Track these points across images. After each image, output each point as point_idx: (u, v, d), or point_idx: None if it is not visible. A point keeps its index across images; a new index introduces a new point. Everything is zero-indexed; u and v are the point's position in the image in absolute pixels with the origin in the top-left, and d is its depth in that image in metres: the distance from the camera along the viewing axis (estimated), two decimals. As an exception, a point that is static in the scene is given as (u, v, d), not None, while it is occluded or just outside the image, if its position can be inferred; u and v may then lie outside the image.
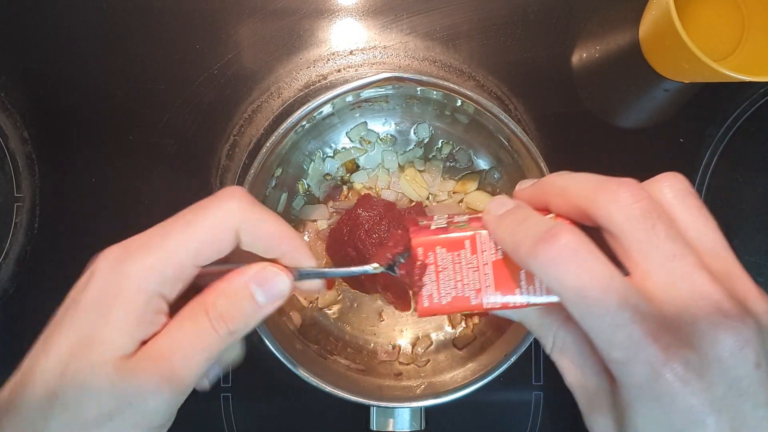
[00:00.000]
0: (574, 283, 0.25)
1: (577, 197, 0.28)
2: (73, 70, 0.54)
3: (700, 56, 0.44)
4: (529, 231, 0.27)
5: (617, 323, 0.24)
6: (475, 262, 0.31)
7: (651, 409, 0.24)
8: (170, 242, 0.29)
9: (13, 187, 0.53)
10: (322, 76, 0.55)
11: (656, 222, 0.26)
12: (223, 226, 0.30)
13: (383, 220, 0.51)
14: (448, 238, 0.32)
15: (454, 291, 0.31)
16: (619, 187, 0.26)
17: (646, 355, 0.24)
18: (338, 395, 0.45)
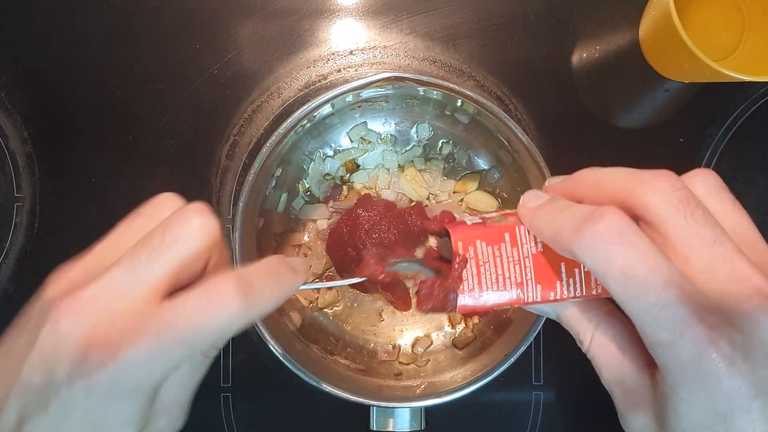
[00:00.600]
0: (621, 263, 0.25)
1: (614, 189, 0.28)
2: (73, 70, 0.54)
3: (700, 56, 0.44)
4: (572, 216, 0.27)
5: (663, 302, 0.24)
6: (516, 255, 0.30)
7: (695, 392, 0.24)
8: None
9: (13, 187, 0.53)
10: (322, 76, 0.55)
11: (695, 209, 0.26)
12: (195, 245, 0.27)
13: (383, 220, 0.51)
14: (487, 231, 0.31)
15: (495, 285, 0.31)
16: (656, 177, 0.27)
17: (692, 334, 0.23)
18: (338, 395, 0.45)
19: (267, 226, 0.52)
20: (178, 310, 0.25)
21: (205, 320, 0.25)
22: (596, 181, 0.29)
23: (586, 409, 0.55)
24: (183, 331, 0.25)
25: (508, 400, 0.54)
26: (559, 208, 0.29)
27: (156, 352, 0.25)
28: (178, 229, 0.27)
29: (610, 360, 0.29)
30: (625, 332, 0.29)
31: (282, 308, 0.52)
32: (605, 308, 0.31)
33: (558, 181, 0.32)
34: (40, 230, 0.53)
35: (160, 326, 0.25)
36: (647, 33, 0.52)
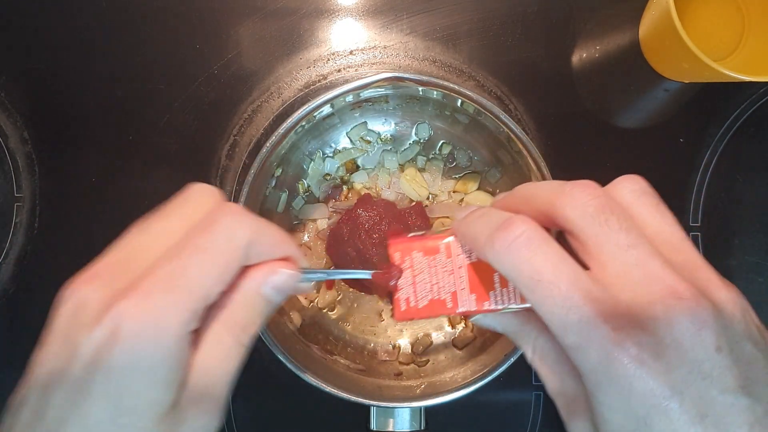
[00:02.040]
0: (528, 269, 0.26)
1: (539, 202, 0.29)
2: (73, 70, 0.54)
3: (700, 56, 0.44)
4: (487, 224, 0.28)
5: (569, 306, 0.25)
6: (450, 265, 0.32)
7: (611, 395, 0.24)
8: (194, 279, 0.26)
9: (13, 187, 0.53)
10: (322, 76, 0.55)
11: (609, 216, 0.26)
12: (240, 245, 0.28)
13: (383, 220, 0.51)
14: (424, 242, 0.33)
15: (430, 294, 0.32)
16: (573, 188, 0.28)
17: (598, 336, 0.24)
18: (338, 395, 0.45)
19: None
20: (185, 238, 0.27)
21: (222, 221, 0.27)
22: (527, 197, 0.30)
23: (586, 409, 0.54)
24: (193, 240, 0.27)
25: (508, 400, 0.54)
26: (480, 214, 0.30)
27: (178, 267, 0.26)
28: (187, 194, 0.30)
29: (550, 371, 0.30)
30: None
31: (282, 308, 0.52)
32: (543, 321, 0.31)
33: (500, 198, 0.34)
34: (40, 230, 0.53)
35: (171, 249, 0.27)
36: (647, 33, 0.52)
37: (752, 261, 0.54)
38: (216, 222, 0.28)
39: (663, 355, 0.23)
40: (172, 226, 0.28)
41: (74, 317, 0.25)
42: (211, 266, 0.27)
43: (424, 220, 0.52)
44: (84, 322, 0.25)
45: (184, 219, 0.28)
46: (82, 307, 0.25)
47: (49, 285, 0.54)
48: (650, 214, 0.28)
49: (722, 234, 0.54)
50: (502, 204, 0.33)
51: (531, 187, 0.31)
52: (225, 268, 0.27)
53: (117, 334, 0.24)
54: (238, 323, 0.29)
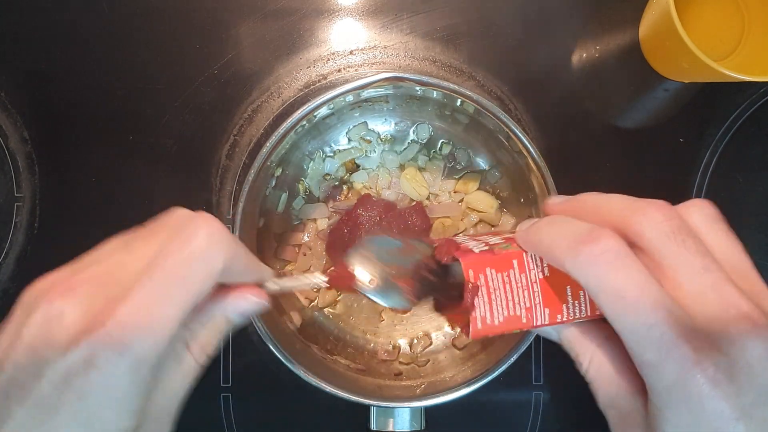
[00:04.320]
0: (614, 284, 0.26)
1: (610, 215, 0.29)
2: (73, 70, 0.54)
3: (700, 56, 0.44)
4: (569, 231, 0.28)
5: (651, 323, 0.25)
6: (524, 280, 0.31)
7: (681, 414, 0.25)
8: (171, 308, 0.26)
9: (13, 186, 0.53)
10: (322, 76, 0.55)
11: (686, 238, 0.27)
12: (215, 273, 0.28)
13: (383, 220, 0.51)
14: (496, 258, 0.32)
15: (505, 311, 0.32)
16: (650, 206, 0.28)
17: (678, 355, 0.24)
18: (338, 395, 0.45)
19: (267, 226, 0.52)
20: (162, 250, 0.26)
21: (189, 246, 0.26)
22: (596, 206, 0.31)
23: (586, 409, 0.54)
24: (173, 265, 0.26)
25: (508, 400, 0.54)
26: (557, 222, 0.30)
27: (154, 295, 0.25)
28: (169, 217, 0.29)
29: (606, 383, 0.30)
30: (621, 356, 0.30)
31: (282, 308, 0.52)
32: (605, 332, 0.31)
33: (559, 201, 0.34)
34: (40, 230, 0.53)
35: (150, 270, 0.26)
36: (647, 33, 0.52)
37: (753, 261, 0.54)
38: (194, 244, 0.27)
39: (736, 378, 0.24)
40: (152, 249, 0.27)
41: (47, 331, 0.25)
42: (188, 295, 0.26)
43: (424, 220, 0.52)
44: (58, 339, 0.24)
45: (156, 241, 0.28)
46: (56, 322, 0.25)
47: (49, 285, 0.54)
48: (721, 240, 0.29)
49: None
50: (562, 209, 0.33)
51: (600, 198, 0.31)
52: (200, 294, 0.27)
53: (92, 362, 0.24)
54: (200, 344, 0.29)
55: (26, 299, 0.26)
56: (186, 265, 0.26)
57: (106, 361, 0.24)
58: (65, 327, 0.24)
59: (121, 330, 0.24)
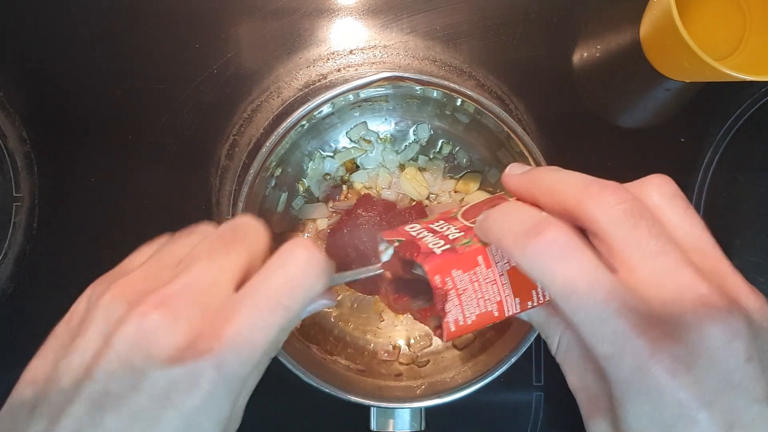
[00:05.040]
0: (562, 277, 0.25)
1: (564, 198, 0.28)
2: (72, 70, 0.54)
3: (701, 55, 0.44)
4: (515, 223, 0.27)
5: (604, 316, 0.24)
6: (492, 275, 0.30)
7: (640, 405, 0.24)
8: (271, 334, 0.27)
9: (12, 186, 0.53)
10: (322, 76, 0.54)
11: (639, 221, 0.26)
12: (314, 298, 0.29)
13: (383, 220, 0.51)
14: (460, 257, 0.30)
15: (477, 309, 0.31)
16: (602, 190, 0.27)
17: (633, 348, 0.24)
18: (338, 396, 0.45)
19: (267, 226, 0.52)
20: (264, 274, 0.27)
21: (291, 273, 0.27)
22: (550, 186, 0.29)
23: (586, 410, 0.54)
24: (276, 292, 0.26)
25: (509, 400, 0.54)
26: (507, 211, 0.29)
27: (258, 321, 0.26)
28: (245, 227, 0.30)
29: (575, 365, 0.30)
30: None
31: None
32: None
33: (517, 174, 0.32)
34: (39, 230, 0.53)
35: (255, 296, 0.26)
36: (648, 32, 0.52)
37: (753, 261, 0.53)
38: (297, 271, 0.27)
39: (694, 366, 0.23)
40: (239, 266, 0.28)
41: (145, 345, 0.25)
42: (287, 321, 0.27)
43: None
44: (157, 354, 0.25)
45: (244, 258, 0.28)
46: (154, 337, 0.25)
47: (48, 285, 0.54)
48: (679, 218, 0.28)
49: (723, 234, 0.54)
50: (518, 183, 0.31)
51: (556, 177, 0.29)
52: (297, 317, 0.28)
53: (197, 381, 0.25)
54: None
55: (102, 302, 0.26)
56: (289, 292, 0.27)
57: (210, 382, 0.25)
58: (165, 343, 0.25)
59: (227, 353, 0.25)
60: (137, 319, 0.25)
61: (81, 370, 0.25)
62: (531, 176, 0.31)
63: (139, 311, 0.25)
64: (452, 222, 0.33)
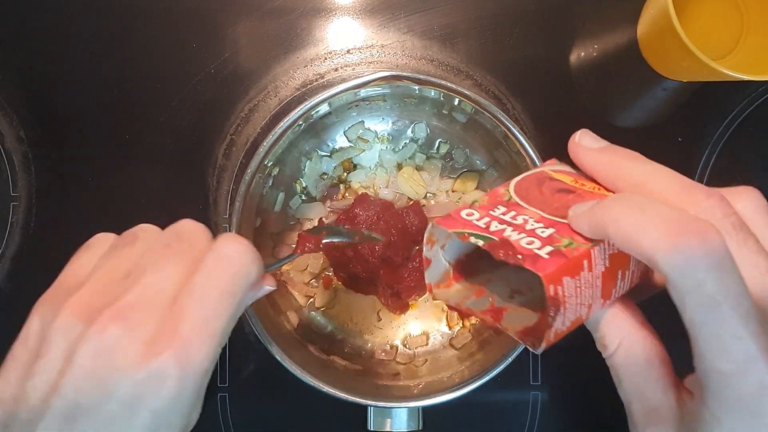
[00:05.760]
0: (711, 290, 0.23)
1: (659, 198, 0.26)
2: (69, 69, 0.54)
3: (698, 55, 0.44)
4: (660, 217, 0.25)
5: (738, 336, 0.23)
6: (591, 278, 0.28)
7: (741, 426, 0.24)
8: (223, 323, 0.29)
9: (9, 186, 0.53)
10: (319, 75, 0.54)
11: (747, 237, 0.25)
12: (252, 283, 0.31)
13: (381, 219, 0.51)
14: (569, 263, 0.27)
15: (573, 315, 0.28)
16: (708, 199, 0.26)
17: (758, 371, 0.23)
18: (335, 395, 0.45)
19: (264, 226, 0.52)
20: (205, 269, 0.28)
21: (228, 263, 0.29)
22: (641, 181, 0.28)
23: (584, 409, 0.54)
24: (220, 281, 0.28)
25: (506, 400, 0.54)
26: (636, 203, 0.26)
27: (209, 312, 0.27)
28: (189, 232, 0.31)
29: (634, 372, 0.28)
30: (655, 348, 0.28)
31: (279, 308, 0.52)
32: (639, 318, 0.29)
33: (595, 146, 0.30)
34: (36, 229, 0.53)
35: (201, 290, 0.28)
36: (646, 32, 0.52)
37: (751, 260, 0.54)
38: (234, 262, 0.29)
39: None
40: (183, 268, 0.29)
41: (108, 358, 0.26)
42: (235, 307, 0.29)
43: (421, 219, 0.52)
44: (121, 365, 0.26)
45: (189, 261, 0.29)
46: (115, 349, 0.26)
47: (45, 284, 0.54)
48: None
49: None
50: (596, 162, 0.30)
51: (644, 171, 0.28)
52: (243, 304, 0.30)
53: (162, 380, 0.26)
54: None
55: (59, 323, 0.27)
56: (231, 280, 0.29)
57: (175, 378, 0.26)
58: (127, 351, 0.26)
59: (186, 349, 0.26)
60: (96, 335, 0.26)
61: (48, 387, 0.26)
62: (613, 160, 0.29)
63: (97, 327, 0.26)
64: (516, 208, 0.30)
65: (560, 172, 0.34)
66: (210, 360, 0.27)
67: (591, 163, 0.31)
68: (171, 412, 0.27)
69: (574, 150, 0.32)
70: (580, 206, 0.29)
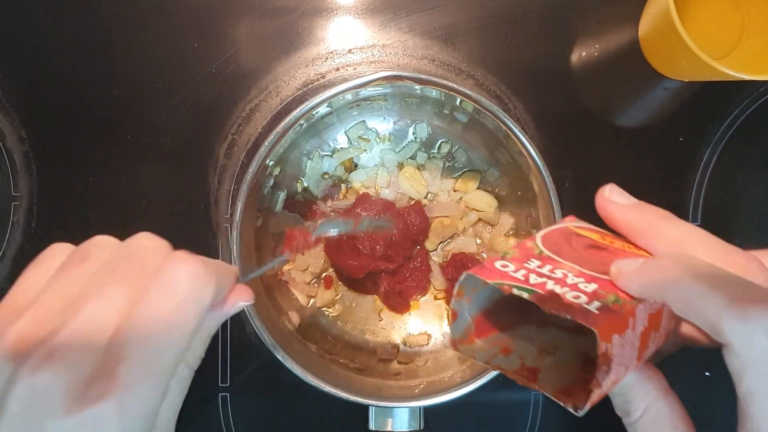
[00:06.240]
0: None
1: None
2: (70, 69, 0.54)
3: (699, 55, 0.44)
4: (728, 283, 0.24)
5: None
6: (632, 337, 0.27)
7: None
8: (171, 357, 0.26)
9: (10, 186, 0.53)
10: (320, 75, 0.54)
11: None
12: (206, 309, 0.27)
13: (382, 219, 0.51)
14: (618, 320, 0.26)
15: (614, 375, 0.27)
16: (748, 263, 0.25)
17: None
18: (337, 395, 0.45)
19: (265, 225, 0.52)
20: (147, 301, 0.25)
21: (174, 291, 0.26)
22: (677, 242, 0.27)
23: (585, 409, 0.54)
24: (163, 313, 0.25)
25: (507, 399, 0.54)
26: (701, 268, 0.25)
27: (151, 350, 0.25)
28: (141, 251, 0.27)
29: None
30: (682, 414, 0.28)
31: (280, 308, 0.52)
32: (664, 383, 0.29)
33: (626, 203, 0.30)
34: (37, 229, 0.53)
35: (142, 325, 0.25)
36: (647, 31, 0.52)
37: (752, 260, 0.54)
38: (180, 289, 0.26)
39: None
40: (127, 295, 0.26)
41: (40, 403, 0.24)
42: (185, 339, 0.26)
43: (423, 219, 0.52)
44: (54, 410, 0.24)
45: (138, 285, 0.26)
46: (48, 394, 0.24)
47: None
48: None
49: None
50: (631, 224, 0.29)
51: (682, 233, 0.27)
52: (195, 332, 0.27)
53: (101, 425, 0.23)
54: (193, 353, 0.29)
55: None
56: (178, 311, 0.26)
57: (115, 425, 0.24)
58: (61, 396, 0.24)
59: (124, 392, 0.24)
60: (28, 378, 0.24)
61: None
62: (647, 218, 0.29)
63: (28, 368, 0.24)
64: (551, 262, 0.30)
65: (584, 228, 0.33)
66: (155, 401, 0.25)
67: (623, 220, 0.30)
68: None
69: (603, 205, 0.31)
70: (626, 264, 0.28)
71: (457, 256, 0.53)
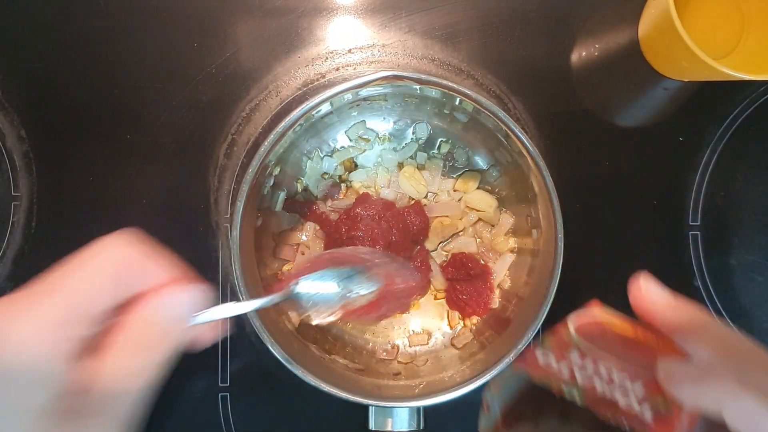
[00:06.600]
0: None
1: None
2: (70, 69, 0.54)
3: (699, 55, 0.44)
4: None
5: None
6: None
7: None
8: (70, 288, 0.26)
9: (10, 186, 0.53)
10: (320, 75, 0.54)
11: None
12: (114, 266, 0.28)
13: (382, 219, 0.51)
14: (668, 426, 0.27)
15: None
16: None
17: None
18: (336, 395, 0.45)
19: (265, 225, 0.52)
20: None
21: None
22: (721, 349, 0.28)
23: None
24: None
25: (507, 399, 0.54)
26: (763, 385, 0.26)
27: None
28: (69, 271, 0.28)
29: None
30: None
31: (280, 308, 0.52)
32: None
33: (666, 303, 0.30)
34: (37, 229, 0.53)
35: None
36: (646, 32, 0.52)
37: (752, 260, 0.54)
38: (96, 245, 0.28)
39: None
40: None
41: None
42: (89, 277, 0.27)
43: (423, 219, 0.52)
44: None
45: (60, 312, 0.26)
46: None
47: (46, 284, 0.54)
48: None
49: (722, 233, 0.54)
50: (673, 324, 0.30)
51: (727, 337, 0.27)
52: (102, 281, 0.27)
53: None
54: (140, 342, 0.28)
55: None
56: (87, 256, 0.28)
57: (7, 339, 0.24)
58: None
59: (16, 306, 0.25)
60: None
61: None
62: (686, 320, 0.29)
63: None
64: (591, 355, 0.31)
65: (614, 316, 0.34)
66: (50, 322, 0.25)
67: (662, 320, 0.30)
68: (8, 381, 0.24)
69: (639, 302, 0.31)
70: (676, 371, 0.28)
71: (457, 255, 0.53)
